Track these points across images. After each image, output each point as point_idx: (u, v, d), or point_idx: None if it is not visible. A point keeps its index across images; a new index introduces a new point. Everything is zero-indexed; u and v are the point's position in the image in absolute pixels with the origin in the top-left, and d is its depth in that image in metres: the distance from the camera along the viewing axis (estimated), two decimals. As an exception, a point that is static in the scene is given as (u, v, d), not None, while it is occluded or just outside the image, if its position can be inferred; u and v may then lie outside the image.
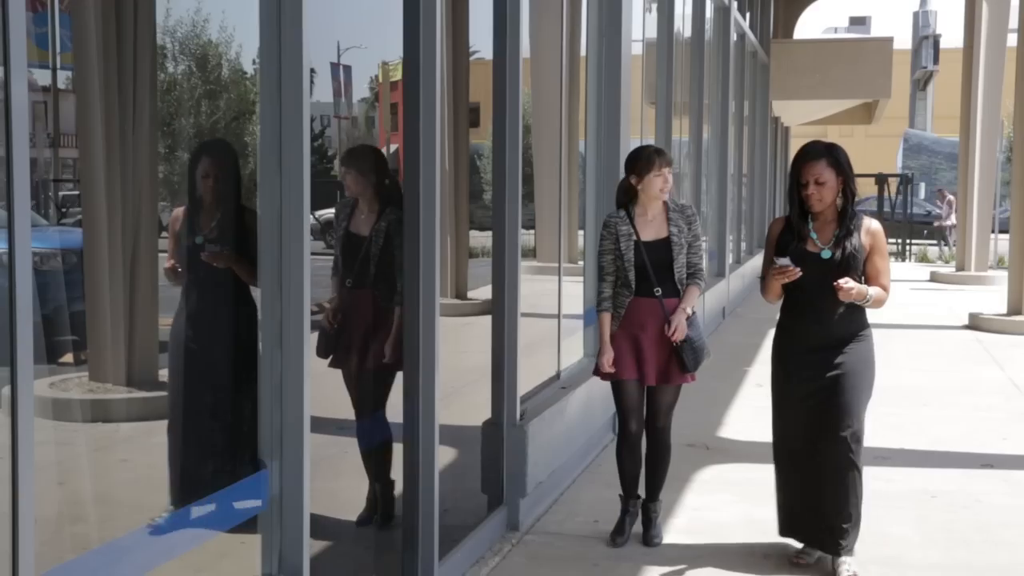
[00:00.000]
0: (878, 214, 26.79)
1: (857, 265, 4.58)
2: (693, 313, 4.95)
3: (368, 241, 4.57)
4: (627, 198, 4.99)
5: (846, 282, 4.48)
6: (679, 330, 4.85)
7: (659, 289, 4.89)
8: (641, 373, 4.94)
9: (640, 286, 4.90)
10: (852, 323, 4.65)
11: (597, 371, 5.09)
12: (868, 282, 4.63)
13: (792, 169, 4.66)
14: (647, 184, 4.88)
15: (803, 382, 4.66)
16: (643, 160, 4.89)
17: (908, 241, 27.20)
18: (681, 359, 4.90)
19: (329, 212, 4.78)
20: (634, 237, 4.90)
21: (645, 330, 4.92)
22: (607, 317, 4.98)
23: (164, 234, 3.79)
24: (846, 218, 4.60)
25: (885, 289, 4.65)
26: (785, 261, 4.53)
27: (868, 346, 4.70)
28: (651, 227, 4.93)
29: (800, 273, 4.52)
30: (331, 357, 4.62)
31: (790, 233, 4.67)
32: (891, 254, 17.18)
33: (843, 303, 4.56)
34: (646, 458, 5.14)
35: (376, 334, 4.66)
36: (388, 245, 4.56)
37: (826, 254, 4.58)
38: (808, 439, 4.66)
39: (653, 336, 4.91)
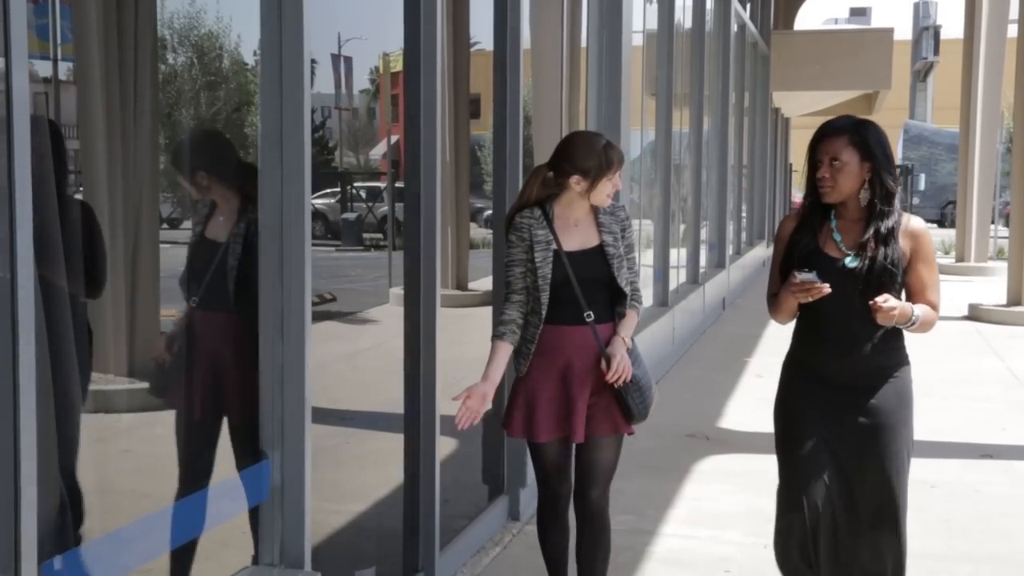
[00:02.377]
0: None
1: (894, 279, 3.45)
2: (633, 344, 3.78)
3: (224, 249, 3.50)
4: (545, 193, 3.75)
5: (886, 300, 3.33)
6: (624, 369, 3.65)
7: (590, 313, 3.67)
8: (568, 427, 3.71)
9: (561, 310, 3.67)
10: (888, 355, 3.53)
11: (506, 423, 3.82)
12: (910, 298, 3.51)
13: (809, 147, 3.57)
14: (596, 191, 3.69)
15: (823, 435, 3.53)
16: (595, 159, 3.67)
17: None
18: (626, 405, 3.71)
19: None
20: (554, 246, 3.67)
21: (572, 368, 3.68)
22: (501, 347, 3.71)
23: (165, 225, 3.78)
24: (873, 218, 3.47)
25: (934, 307, 3.50)
26: (810, 276, 3.39)
27: (906, 384, 3.57)
28: (576, 233, 3.72)
29: (828, 290, 3.38)
30: (166, 397, 3.53)
31: (805, 231, 3.57)
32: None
33: (878, 328, 3.45)
34: (577, 542, 3.90)
35: (231, 369, 3.57)
36: (251, 254, 3.48)
37: (852, 262, 3.45)
38: (838, 505, 3.52)
39: (583, 375, 3.69)
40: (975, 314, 13.22)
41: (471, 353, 3.24)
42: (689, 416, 7.15)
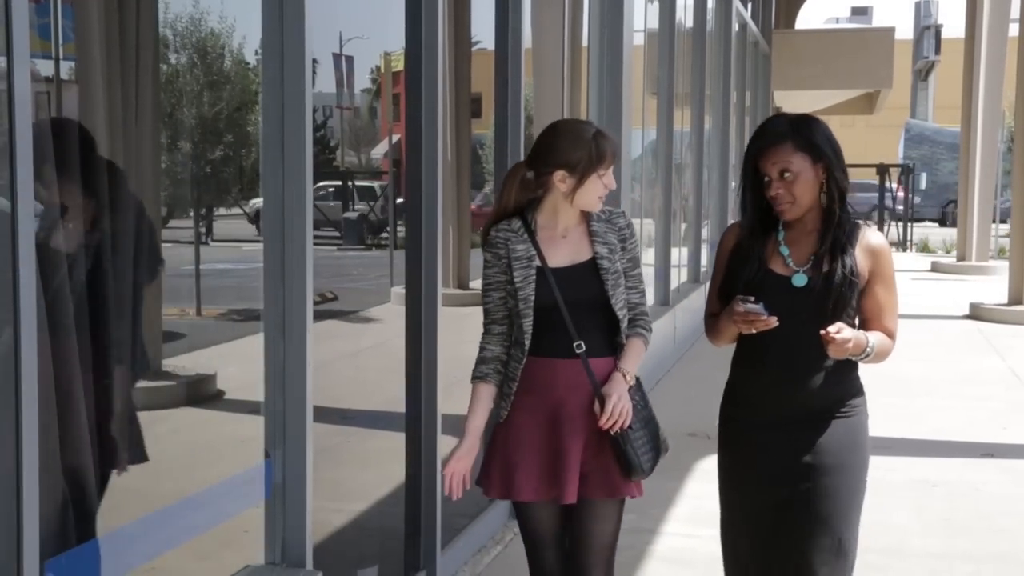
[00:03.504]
0: (880, 206, 26.79)
1: (849, 299, 2.98)
2: (637, 382, 3.11)
3: (70, 263, 2.77)
4: (525, 199, 3.10)
5: (839, 331, 2.87)
6: (621, 413, 2.99)
7: (580, 343, 3.01)
8: (558, 487, 3.03)
9: (549, 340, 3.02)
10: (839, 387, 3.05)
11: (483, 480, 3.19)
12: (865, 324, 3.05)
13: (746, 157, 3.06)
14: (584, 190, 3.02)
15: (766, 475, 3.08)
16: (583, 150, 2.99)
17: (909, 230, 27.21)
18: (626, 458, 3.03)
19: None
20: (536, 262, 3.03)
21: (563, 411, 3.03)
22: (483, 390, 3.12)
23: (169, 224, 3.78)
24: (832, 226, 2.99)
25: (891, 335, 3.05)
26: (756, 308, 2.92)
27: (860, 422, 3.09)
28: (564, 246, 3.07)
29: (776, 322, 2.91)
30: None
31: (750, 250, 3.08)
32: (892, 244, 17.15)
33: (828, 357, 2.98)
34: None
35: (84, 410, 2.80)
36: (100, 269, 2.86)
37: (800, 280, 3.00)
38: (777, 559, 3.08)
39: (577, 420, 3.03)
40: (976, 313, 13.22)
41: (472, 352, 3.23)
42: (691, 415, 7.13)
